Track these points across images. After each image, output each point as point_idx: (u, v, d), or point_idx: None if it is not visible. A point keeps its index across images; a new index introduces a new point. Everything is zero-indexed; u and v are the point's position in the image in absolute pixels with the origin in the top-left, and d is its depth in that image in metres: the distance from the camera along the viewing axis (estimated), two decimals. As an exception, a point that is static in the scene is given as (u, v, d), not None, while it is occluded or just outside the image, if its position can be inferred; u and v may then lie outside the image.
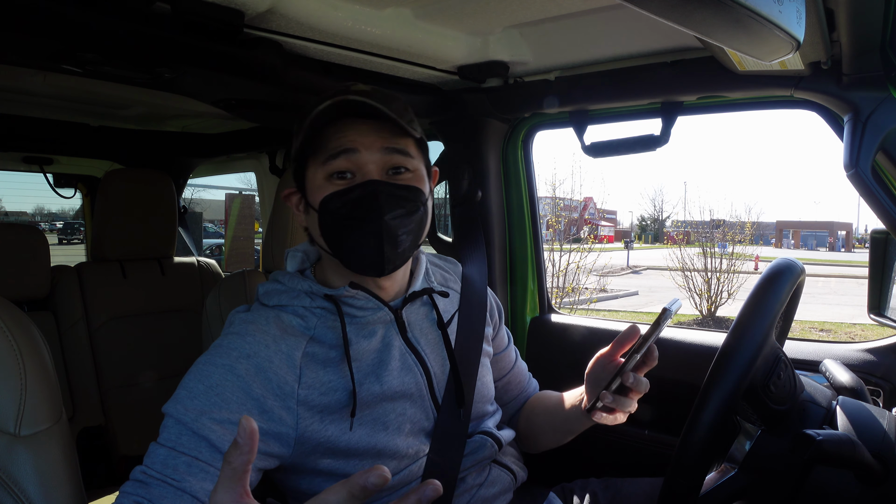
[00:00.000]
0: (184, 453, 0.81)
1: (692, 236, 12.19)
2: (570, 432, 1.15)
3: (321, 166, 0.92)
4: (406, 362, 1.00)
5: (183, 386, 0.87)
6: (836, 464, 0.80)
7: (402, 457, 0.96)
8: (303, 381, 0.91)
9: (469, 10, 1.20)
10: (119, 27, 1.05)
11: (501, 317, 1.27)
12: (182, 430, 0.83)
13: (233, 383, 0.86)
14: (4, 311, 0.88)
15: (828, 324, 9.49)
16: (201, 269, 2.43)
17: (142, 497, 0.78)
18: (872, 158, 1.05)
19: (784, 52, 0.67)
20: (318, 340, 0.95)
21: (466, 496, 1.05)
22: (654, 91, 1.40)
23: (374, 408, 0.95)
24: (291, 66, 1.30)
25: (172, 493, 0.79)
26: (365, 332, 0.98)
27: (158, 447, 0.83)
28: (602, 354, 1.02)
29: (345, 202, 0.90)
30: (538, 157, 8.76)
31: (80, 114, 2.20)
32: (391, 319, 1.01)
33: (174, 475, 0.79)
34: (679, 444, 0.85)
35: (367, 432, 0.93)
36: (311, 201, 0.94)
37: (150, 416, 1.00)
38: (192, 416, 0.83)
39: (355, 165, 0.91)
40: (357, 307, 0.97)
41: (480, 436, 1.08)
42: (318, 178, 0.93)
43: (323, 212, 0.92)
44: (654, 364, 0.97)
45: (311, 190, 0.94)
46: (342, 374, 0.93)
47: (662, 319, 0.91)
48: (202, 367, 0.89)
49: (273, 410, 0.88)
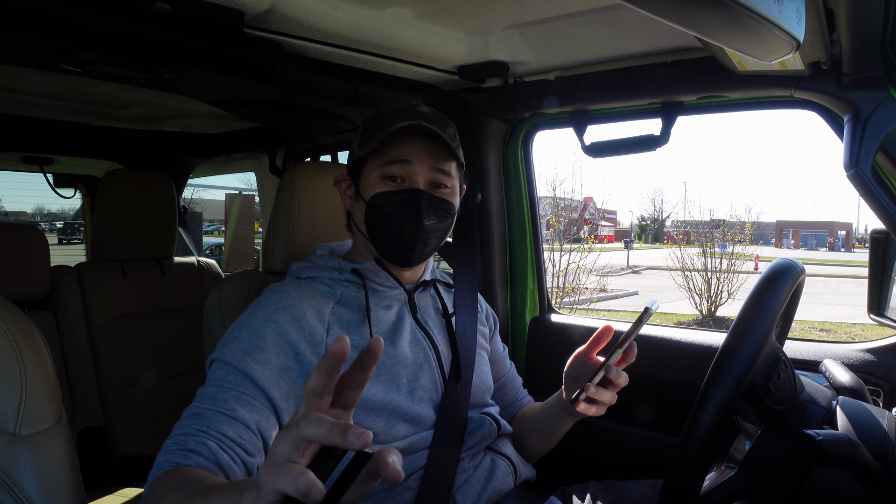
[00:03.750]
0: (231, 388, 0.92)
1: (692, 236, 12.18)
2: (554, 431, 1.22)
3: (379, 167, 1.08)
4: (416, 337, 1.14)
5: (226, 336, 1.00)
6: (836, 464, 0.80)
7: (413, 421, 1.07)
8: (330, 334, 1.04)
9: (469, 10, 1.20)
10: (119, 27, 1.06)
11: (496, 324, 1.38)
12: (229, 369, 0.94)
13: (272, 329, 0.99)
14: (4, 311, 0.88)
15: (828, 324, 9.49)
16: (201, 269, 2.43)
17: (200, 426, 0.87)
18: (872, 158, 1.05)
19: (784, 52, 0.67)
20: (344, 304, 1.10)
21: (463, 475, 1.10)
22: (653, 91, 1.40)
23: (389, 368, 1.07)
24: (291, 66, 1.30)
25: (227, 420, 0.88)
26: (383, 305, 1.13)
27: (207, 387, 0.93)
28: (580, 353, 1.11)
29: (392, 201, 1.07)
30: (538, 157, 8.75)
31: (80, 114, 2.20)
32: (405, 299, 1.16)
33: (225, 406, 0.89)
34: (679, 444, 0.85)
35: (383, 389, 1.04)
36: (362, 192, 1.10)
37: (150, 416, 1.00)
38: (237, 357, 0.95)
39: (407, 174, 1.08)
40: (378, 283, 1.13)
41: (480, 415, 1.17)
42: (373, 176, 1.08)
43: (372, 205, 1.08)
44: (633, 359, 1.04)
45: (364, 184, 1.10)
46: (363, 334, 1.07)
47: (644, 318, 0.95)
48: (244, 319, 1.02)
49: (305, 355, 1.00)
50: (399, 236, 1.07)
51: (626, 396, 1.09)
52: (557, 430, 1.22)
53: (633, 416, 1.53)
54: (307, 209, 1.33)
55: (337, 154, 2.42)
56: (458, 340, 1.19)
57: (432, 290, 1.24)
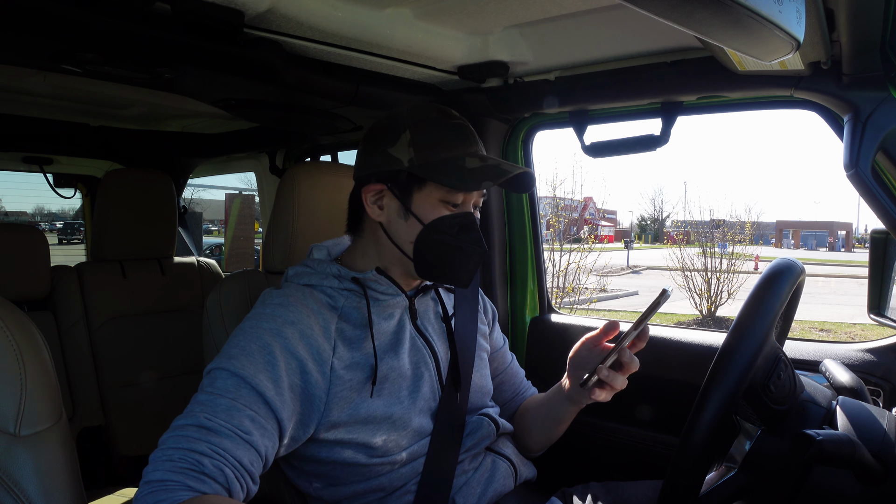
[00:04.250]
0: (246, 406, 0.88)
1: (692, 236, 12.18)
2: (558, 422, 1.21)
3: (446, 193, 1.04)
4: (415, 344, 1.12)
5: (233, 346, 0.94)
6: (836, 464, 0.79)
7: (413, 431, 1.06)
8: (336, 352, 1.01)
9: (469, 10, 1.20)
10: (119, 27, 1.05)
11: (495, 317, 1.36)
12: (240, 382, 0.89)
13: (281, 345, 0.95)
14: (4, 311, 0.88)
15: (828, 324, 9.49)
16: (201, 269, 2.43)
17: (215, 445, 0.83)
18: (872, 158, 1.05)
19: (784, 52, 0.67)
20: (346, 319, 1.06)
21: (463, 477, 1.10)
22: (654, 91, 1.40)
23: (391, 382, 1.05)
24: (291, 66, 1.30)
25: (244, 446, 0.85)
26: (385, 315, 1.09)
27: (216, 398, 0.87)
28: (589, 338, 1.11)
29: (453, 225, 1.04)
30: (538, 157, 8.74)
31: (80, 114, 2.20)
32: (406, 306, 1.13)
33: (241, 427, 0.86)
34: (679, 444, 0.85)
35: (385, 403, 1.03)
36: (417, 212, 1.04)
37: (150, 416, 1.00)
38: (250, 371, 0.90)
39: (464, 201, 1.06)
40: (380, 291, 1.08)
41: (479, 416, 1.16)
42: (432, 199, 1.04)
43: (434, 229, 1.04)
44: (643, 345, 1.03)
45: (422, 205, 1.05)
46: (366, 350, 1.04)
47: (661, 301, 0.95)
48: (250, 331, 0.96)
49: (312, 373, 0.97)
50: (462, 261, 1.05)
51: (626, 396, 1.09)
52: (561, 420, 1.20)
53: (633, 417, 1.53)
54: (307, 209, 1.32)
55: (337, 154, 2.42)
56: (458, 346, 1.16)
57: (433, 293, 1.22)
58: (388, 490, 1.03)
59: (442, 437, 1.09)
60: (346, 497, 1.03)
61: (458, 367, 1.14)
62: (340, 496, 1.03)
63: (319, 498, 1.06)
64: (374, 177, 1.07)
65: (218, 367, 0.92)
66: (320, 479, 1.04)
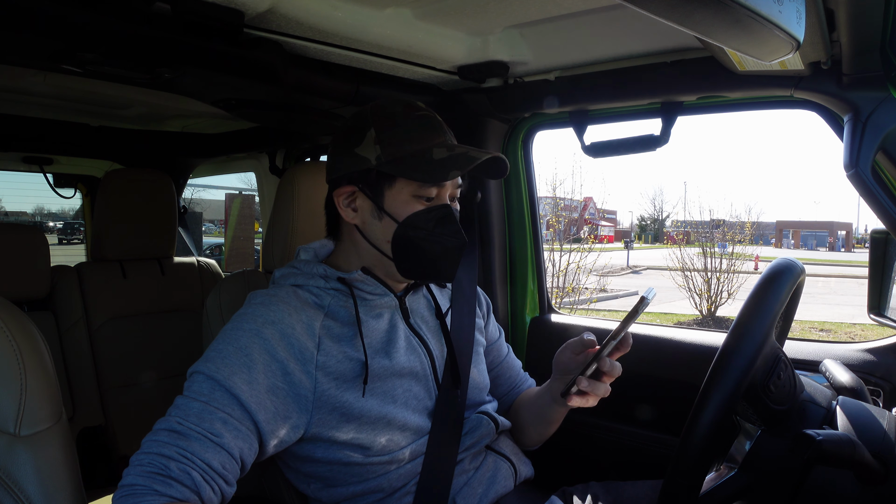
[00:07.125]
0: (219, 409, 0.87)
1: (692, 236, 12.18)
2: (548, 421, 1.21)
3: (416, 187, 1.01)
4: (410, 344, 1.10)
5: (212, 349, 0.95)
6: (836, 464, 0.80)
7: (409, 431, 1.05)
8: (321, 349, 0.99)
9: (469, 10, 1.20)
10: (119, 27, 1.05)
11: (489, 309, 1.35)
12: (214, 385, 0.89)
13: (260, 346, 0.94)
14: (4, 311, 0.88)
15: (828, 324, 9.49)
16: (201, 269, 2.43)
17: (183, 449, 0.83)
18: (872, 158, 1.05)
19: (784, 52, 0.67)
20: (333, 317, 1.04)
21: (464, 477, 1.09)
22: (654, 91, 1.40)
23: (384, 381, 1.03)
24: (291, 66, 1.30)
25: (213, 448, 0.85)
26: (373, 314, 1.08)
27: (190, 401, 0.88)
28: (570, 344, 1.10)
29: (428, 219, 1.02)
30: (538, 157, 8.74)
31: (80, 114, 2.20)
32: (396, 305, 1.11)
33: (212, 429, 0.86)
34: (679, 444, 0.85)
35: (378, 402, 1.01)
36: (389, 210, 1.03)
37: (150, 416, 0.99)
38: (224, 374, 0.90)
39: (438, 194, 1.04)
40: (367, 291, 1.07)
41: (477, 415, 1.15)
42: (403, 195, 1.02)
43: (410, 225, 1.02)
44: (627, 349, 1.01)
45: (393, 202, 1.03)
46: (355, 347, 1.02)
47: (640, 308, 0.94)
48: (230, 332, 0.96)
49: (294, 374, 0.95)
50: (442, 255, 1.03)
51: (626, 396, 1.09)
52: (552, 421, 1.21)
53: (633, 416, 1.53)
54: (307, 209, 1.32)
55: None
56: (455, 343, 1.15)
57: (424, 290, 1.19)
58: (387, 491, 1.03)
59: (440, 435, 1.08)
60: (344, 498, 1.03)
61: (455, 364, 1.13)
62: (339, 497, 1.03)
63: (318, 499, 1.05)
64: (344, 179, 1.06)
65: (196, 371, 0.93)
66: (318, 480, 1.04)
